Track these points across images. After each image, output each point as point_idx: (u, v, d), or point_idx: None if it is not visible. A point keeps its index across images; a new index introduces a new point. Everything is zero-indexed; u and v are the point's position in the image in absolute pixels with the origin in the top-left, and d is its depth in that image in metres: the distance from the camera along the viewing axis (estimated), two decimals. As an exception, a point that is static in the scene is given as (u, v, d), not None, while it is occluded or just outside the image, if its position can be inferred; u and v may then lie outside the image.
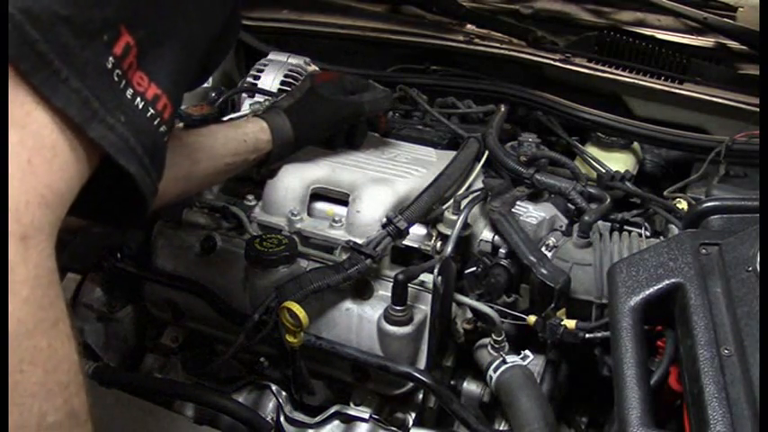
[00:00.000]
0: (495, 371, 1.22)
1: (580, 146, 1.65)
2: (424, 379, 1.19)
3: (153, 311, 1.44)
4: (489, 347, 1.25)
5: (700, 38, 1.87)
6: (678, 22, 1.89)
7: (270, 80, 1.80)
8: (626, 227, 1.39)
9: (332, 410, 1.27)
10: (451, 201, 1.29)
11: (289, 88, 1.78)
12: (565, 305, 1.22)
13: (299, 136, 1.32)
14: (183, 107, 1.66)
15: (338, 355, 1.22)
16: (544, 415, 1.13)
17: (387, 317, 1.20)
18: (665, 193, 1.44)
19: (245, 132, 1.26)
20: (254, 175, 1.37)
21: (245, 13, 2.07)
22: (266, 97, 1.70)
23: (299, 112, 1.33)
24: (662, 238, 1.33)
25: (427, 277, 1.23)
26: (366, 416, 1.26)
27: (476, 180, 1.40)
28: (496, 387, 1.21)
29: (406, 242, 1.28)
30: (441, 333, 1.24)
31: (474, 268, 1.30)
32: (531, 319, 1.22)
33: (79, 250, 1.42)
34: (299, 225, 1.30)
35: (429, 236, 1.29)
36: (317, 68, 1.86)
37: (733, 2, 1.83)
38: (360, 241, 1.23)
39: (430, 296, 1.22)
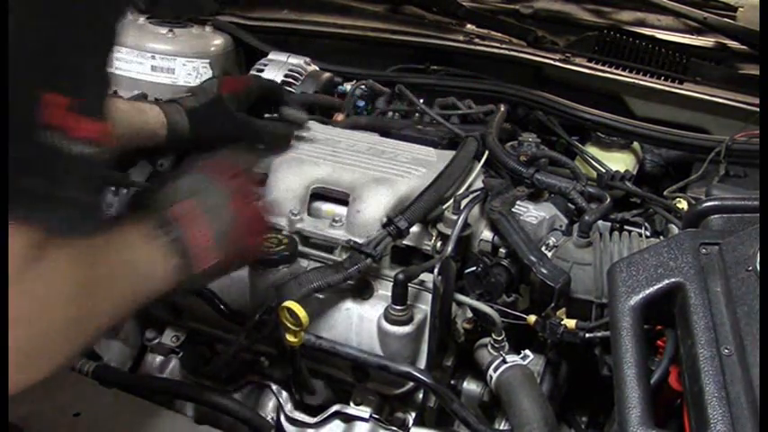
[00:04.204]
0: (495, 370, 1.22)
1: (580, 146, 1.65)
2: (424, 378, 1.19)
3: (153, 311, 1.43)
4: (489, 347, 1.25)
5: (700, 38, 1.88)
6: (678, 22, 1.90)
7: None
8: (626, 227, 1.39)
9: (332, 410, 1.27)
10: (451, 200, 1.29)
11: (289, 88, 1.79)
12: (565, 305, 1.22)
13: (194, 140, 1.30)
14: None
15: (338, 354, 1.22)
16: (544, 415, 1.13)
17: (387, 316, 1.20)
18: (665, 192, 1.44)
19: (146, 121, 1.26)
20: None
21: (245, 13, 2.07)
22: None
23: (200, 119, 1.30)
24: (662, 237, 1.33)
25: (427, 277, 1.23)
26: (366, 415, 1.26)
27: (476, 180, 1.40)
28: (496, 387, 1.21)
29: (406, 242, 1.28)
30: (441, 333, 1.24)
31: (474, 268, 1.30)
32: (531, 318, 1.22)
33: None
34: (299, 225, 1.30)
35: (429, 236, 1.29)
36: (316, 68, 1.86)
37: (733, 2, 1.83)
38: (360, 241, 1.23)
39: (430, 296, 1.22)
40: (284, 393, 1.31)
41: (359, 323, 1.25)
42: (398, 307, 1.19)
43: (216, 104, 1.32)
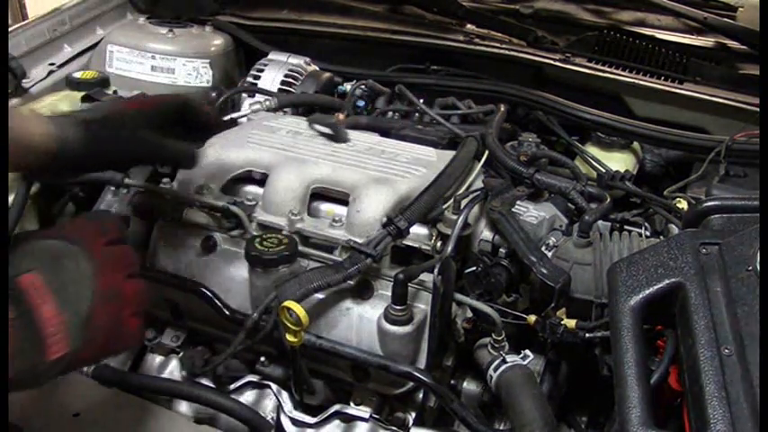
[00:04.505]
0: (495, 370, 1.22)
1: (580, 146, 1.65)
2: (423, 378, 1.19)
3: (153, 311, 1.43)
4: (489, 347, 1.25)
5: (700, 38, 1.88)
6: (678, 22, 1.90)
7: (270, 80, 1.80)
8: (626, 227, 1.39)
9: (332, 410, 1.27)
10: (452, 200, 1.30)
11: (289, 88, 1.79)
12: (565, 305, 1.22)
13: (89, 156, 1.14)
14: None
15: (338, 354, 1.22)
16: (544, 415, 1.13)
17: (387, 316, 1.20)
18: (665, 192, 1.44)
19: (26, 129, 1.03)
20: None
21: (245, 13, 2.07)
22: (266, 97, 1.70)
23: (95, 133, 1.14)
24: (662, 237, 1.33)
25: (427, 277, 1.23)
26: (366, 415, 1.26)
27: (476, 180, 1.40)
28: (496, 386, 1.21)
29: (406, 242, 1.28)
30: (441, 332, 1.24)
31: (474, 268, 1.30)
32: (531, 318, 1.22)
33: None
34: (299, 225, 1.30)
35: (429, 235, 1.29)
36: (316, 68, 1.86)
37: (733, 2, 1.83)
38: (360, 241, 1.23)
39: (430, 296, 1.22)
40: (284, 393, 1.30)
41: (359, 323, 1.25)
42: (398, 307, 1.19)
43: (114, 118, 1.19)
